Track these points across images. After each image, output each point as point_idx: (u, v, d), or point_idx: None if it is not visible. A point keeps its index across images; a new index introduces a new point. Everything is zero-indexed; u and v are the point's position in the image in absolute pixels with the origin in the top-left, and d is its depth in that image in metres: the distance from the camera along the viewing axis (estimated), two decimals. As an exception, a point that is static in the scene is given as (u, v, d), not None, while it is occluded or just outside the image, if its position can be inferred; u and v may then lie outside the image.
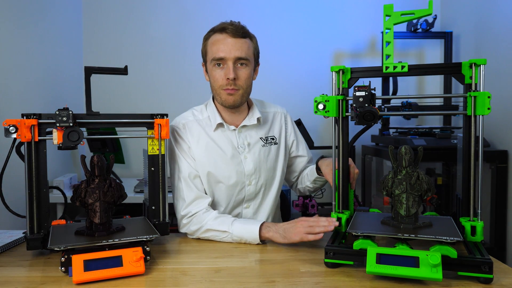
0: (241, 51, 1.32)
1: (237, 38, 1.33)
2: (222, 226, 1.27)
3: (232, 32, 1.32)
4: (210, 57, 1.35)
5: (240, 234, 1.24)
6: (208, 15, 2.86)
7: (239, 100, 1.37)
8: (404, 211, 1.04)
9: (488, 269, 0.92)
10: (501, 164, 2.14)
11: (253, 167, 1.41)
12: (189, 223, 1.32)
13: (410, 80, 2.97)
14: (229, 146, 1.41)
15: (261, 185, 1.45)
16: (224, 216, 1.32)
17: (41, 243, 1.08)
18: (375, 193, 2.75)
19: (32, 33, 2.16)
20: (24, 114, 1.08)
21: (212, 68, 1.36)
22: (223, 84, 1.34)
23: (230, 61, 1.32)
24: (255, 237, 1.23)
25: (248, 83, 1.38)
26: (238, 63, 1.34)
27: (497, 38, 2.28)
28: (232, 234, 1.25)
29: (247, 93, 1.39)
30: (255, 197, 1.45)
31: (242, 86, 1.36)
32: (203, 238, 1.30)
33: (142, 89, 2.89)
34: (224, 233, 1.26)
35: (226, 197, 1.41)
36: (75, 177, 2.39)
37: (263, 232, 1.24)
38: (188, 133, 1.41)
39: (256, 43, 1.42)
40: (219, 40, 1.34)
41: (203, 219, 1.30)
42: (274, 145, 1.49)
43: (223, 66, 1.34)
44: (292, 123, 1.59)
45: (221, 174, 1.39)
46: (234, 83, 1.33)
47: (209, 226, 1.28)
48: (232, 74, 1.32)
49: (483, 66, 1.03)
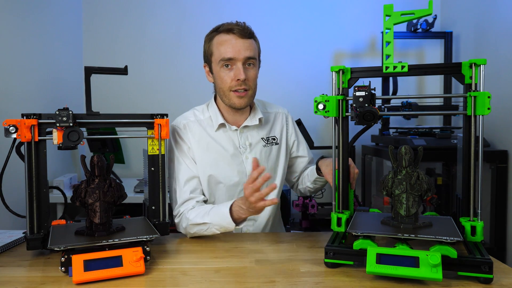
0: (250, 50, 1.33)
1: (245, 38, 1.33)
2: (202, 218, 1.26)
3: (239, 33, 1.32)
4: (218, 58, 1.34)
5: (218, 222, 1.24)
6: (208, 15, 2.86)
7: (248, 101, 1.37)
8: (404, 211, 1.04)
9: (488, 269, 0.92)
10: (501, 164, 2.14)
11: None
12: (180, 222, 1.33)
13: (410, 80, 2.97)
14: (231, 146, 1.41)
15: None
16: (203, 207, 1.31)
17: (41, 243, 1.08)
18: (375, 193, 2.75)
19: (32, 33, 2.16)
20: (24, 114, 1.08)
21: (219, 69, 1.35)
22: (233, 86, 1.34)
23: (240, 61, 1.32)
24: (228, 220, 1.22)
25: (255, 83, 1.39)
26: (246, 63, 1.34)
27: (497, 38, 2.28)
28: (211, 224, 1.25)
29: (254, 93, 1.40)
30: None
31: (251, 87, 1.36)
32: (194, 235, 1.30)
33: (142, 89, 2.90)
34: (205, 225, 1.26)
35: (227, 197, 1.41)
36: (75, 177, 2.39)
37: (234, 215, 1.23)
38: (188, 134, 1.41)
39: (259, 44, 1.42)
40: (226, 40, 1.33)
41: (189, 215, 1.30)
42: (275, 146, 1.49)
43: (232, 67, 1.33)
44: (293, 124, 1.59)
45: (222, 174, 1.39)
46: (245, 83, 1.33)
47: (192, 221, 1.27)
48: (243, 75, 1.31)
49: (483, 66, 1.03)
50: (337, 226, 1.15)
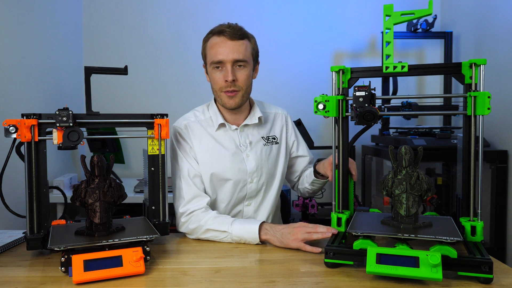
0: (238, 53, 1.33)
1: (235, 40, 1.34)
2: (221, 226, 1.27)
3: (229, 35, 1.33)
4: (209, 60, 1.37)
5: (240, 234, 1.24)
6: (208, 15, 2.86)
7: (239, 102, 1.38)
8: (404, 211, 1.04)
9: (488, 269, 0.92)
10: (501, 164, 2.14)
11: (255, 165, 1.43)
12: (187, 222, 1.32)
13: (410, 80, 2.97)
14: (232, 145, 1.43)
15: (263, 183, 1.46)
16: (223, 216, 1.32)
17: (41, 243, 1.08)
18: (375, 193, 2.75)
19: (32, 33, 2.16)
20: (24, 114, 1.08)
21: (211, 71, 1.38)
22: (223, 86, 1.36)
23: (229, 63, 1.34)
24: (254, 236, 1.23)
25: (248, 83, 1.39)
26: (236, 65, 1.35)
27: (497, 38, 2.28)
28: (231, 234, 1.25)
29: (247, 93, 1.40)
30: (256, 195, 1.46)
31: (242, 87, 1.37)
32: (202, 238, 1.30)
33: (142, 89, 2.89)
34: (223, 233, 1.26)
35: (228, 194, 1.43)
36: (75, 177, 2.39)
37: (261, 234, 1.24)
38: (190, 134, 1.42)
39: (255, 43, 1.42)
40: (217, 43, 1.35)
41: (201, 218, 1.30)
42: (275, 145, 1.50)
43: (222, 69, 1.35)
44: (293, 125, 1.61)
45: (224, 172, 1.40)
46: (234, 84, 1.35)
47: (209, 226, 1.28)
48: (231, 77, 1.33)
49: (483, 66, 1.03)
50: (337, 226, 1.15)
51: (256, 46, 1.43)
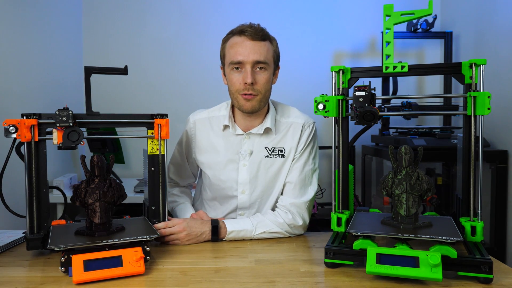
0: (259, 54, 1.27)
1: (256, 41, 1.28)
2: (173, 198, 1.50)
3: (251, 35, 1.28)
4: (228, 61, 1.31)
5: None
6: (208, 15, 2.86)
7: (257, 105, 1.32)
8: (404, 211, 1.04)
9: (488, 269, 0.92)
10: (501, 164, 2.14)
11: (247, 177, 1.38)
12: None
13: (410, 80, 2.97)
14: (231, 150, 1.40)
15: (257, 196, 1.39)
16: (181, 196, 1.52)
17: (41, 243, 1.09)
18: (375, 193, 2.75)
19: (32, 33, 2.16)
20: (24, 114, 1.08)
21: (229, 72, 1.32)
22: (240, 89, 1.30)
23: (249, 65, 1.27)
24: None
25: (267, 88, 1.32)
26: (256, 67, 1.29)
27: (497, 38, 2.28)
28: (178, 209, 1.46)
29: (265, 98, 1.33)
30: (249, 207, 1.41)
31: (261, 91, 1.30)
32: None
33: (142, 89, 2.89)
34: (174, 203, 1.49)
35: (220, 197, 1.44)
36: (75, 177, 2.39)
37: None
38: (196, 130, 1.45)
39: (277, 46, 1.37)
40: (237, 43, 1.29)
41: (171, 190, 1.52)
42: (280, 158, 1.39)
43: (241, 70, 1.29)
44: (308, 137, 1.40)
45: (216, 177, 1.41)
46: (252, 87, 1.29)
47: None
48: (250, 79, 1.27)
49: (483, 66, 1.03)
50: (337, 226, 1.15)
51: (277, 49, 1.37)
